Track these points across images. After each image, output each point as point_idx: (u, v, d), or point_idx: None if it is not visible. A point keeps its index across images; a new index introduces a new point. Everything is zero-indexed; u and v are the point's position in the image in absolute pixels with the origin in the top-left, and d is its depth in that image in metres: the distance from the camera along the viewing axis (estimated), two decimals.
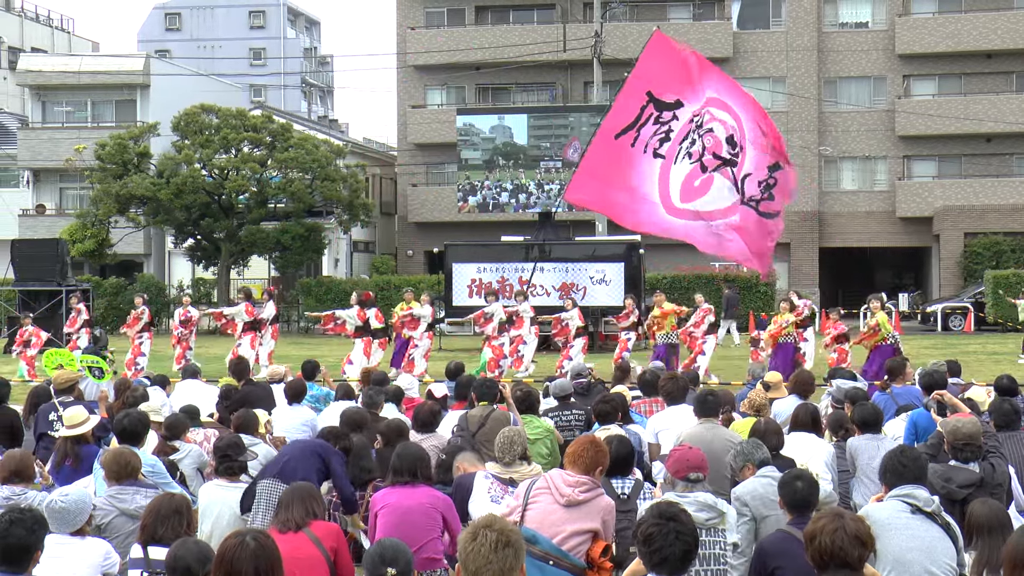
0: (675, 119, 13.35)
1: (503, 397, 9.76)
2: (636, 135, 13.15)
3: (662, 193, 13.60)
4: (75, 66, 47.26)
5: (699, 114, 13.36)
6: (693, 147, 13.47)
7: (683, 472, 6.42)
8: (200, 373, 14.49)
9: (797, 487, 6.14)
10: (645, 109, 13.21)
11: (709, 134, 13.48)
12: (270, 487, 7.51)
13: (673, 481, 6.47)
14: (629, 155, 13.18)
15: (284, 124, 38.92)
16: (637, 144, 13.10)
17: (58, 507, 6.16)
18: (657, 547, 4.77)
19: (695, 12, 46.09)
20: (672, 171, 13.48)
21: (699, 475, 6.42)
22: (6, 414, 10.65)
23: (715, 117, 13.42)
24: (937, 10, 44.63)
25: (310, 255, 39.77)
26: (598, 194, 13.56)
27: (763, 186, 13.56)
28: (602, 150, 13.34)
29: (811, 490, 6.17)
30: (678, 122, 13.37)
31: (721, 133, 13.47)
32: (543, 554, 6.06)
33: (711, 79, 13.50)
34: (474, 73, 46.33)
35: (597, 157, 13.39)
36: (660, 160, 13.34)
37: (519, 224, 36.78)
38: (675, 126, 13.37)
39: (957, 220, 42.10)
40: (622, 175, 13.34)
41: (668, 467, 6.56)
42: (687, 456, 6.52)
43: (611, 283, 27.53)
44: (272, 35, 73.76)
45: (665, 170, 13.41)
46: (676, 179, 13.52)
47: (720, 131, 13.44)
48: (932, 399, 9.23)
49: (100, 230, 38.44)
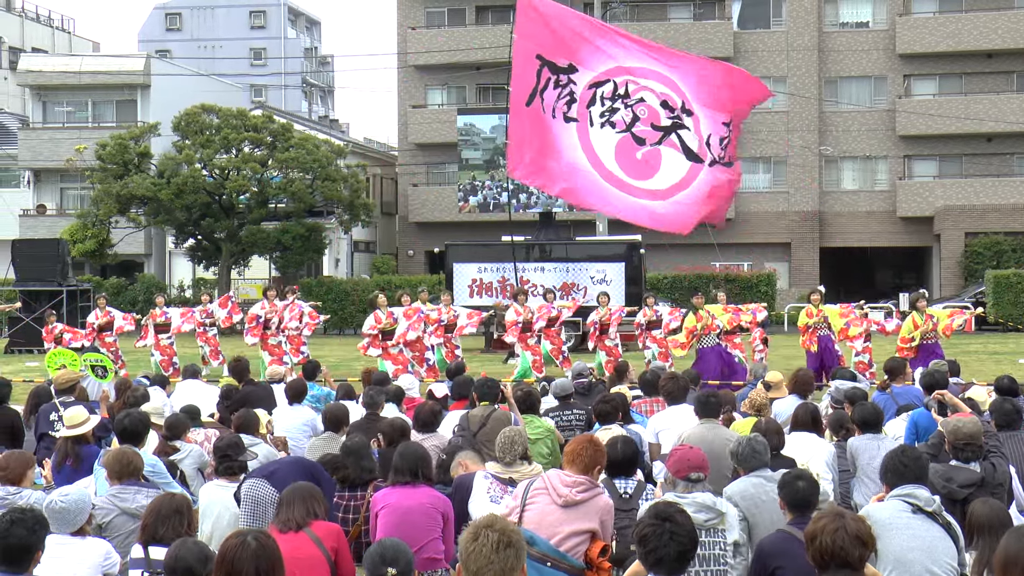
0: (572, 83, 13.35)
1: (504, 397, 9.76)
2: (541, 100, 13.14)
3: (592, 160, 13.52)
4: (76, 66, 47.29)
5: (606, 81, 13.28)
6: (615, 116, 13.42)
7: (684, 472, 6.41)
8: (201, 373, 14.50)
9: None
10: (541, 73, 13.19)
11: (640, 104, 13.42)
12: (254, 485, 7.51)
13: (674, 481, 6.46)
14: (545, 122, 13.18)
15: (285, 124, 38.93)
16: (546, 110, 13.09)
17: (58, 507, 6.16)
18: (652, 547, 4.78)
19: (695, 12, 46.09)
20: (593, 136, 13.39)
21: (700, 475, 6.41)
22: (7, 414, 10.68)
23: (642, 86, 13.36)
24: (938, 10, 44.64)
25: (311, 255, 39.77)
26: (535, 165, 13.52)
27: (724, 142, 13.56)
28: (520, 120, 13.31)
29: (812, 490, 6.17)
30: (577, 87, 13.36)
31: (654, 101, 13.42)
32: (541, 555, 6.05)
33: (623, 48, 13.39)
34: (475, 73, 46.33)
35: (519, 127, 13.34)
36: (574, 123, 13.31)
37: (520, 224, 36.75)
38: (576, 90, 13.35)
39: (958, 220, 42.11)
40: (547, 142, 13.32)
41: (669, 467, 6.55)
42: (688, 456, 6.51)
43: (612, 283, 27.52)
44: (273, 35, 73.75)
45: (584, 134, 13.36)
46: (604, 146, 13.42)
47: (652, 99, 13.39)
48: (933, 399, 9.23)
49: (101, 230, 38.45)
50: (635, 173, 13.52)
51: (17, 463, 7.30)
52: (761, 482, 6.82)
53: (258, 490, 7.45)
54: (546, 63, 13.17)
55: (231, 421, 10.05)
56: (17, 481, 7.20)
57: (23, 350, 27.63)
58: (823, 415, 9.89)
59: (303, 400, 11.46)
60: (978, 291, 35.95)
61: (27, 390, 14.38)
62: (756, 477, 6.88)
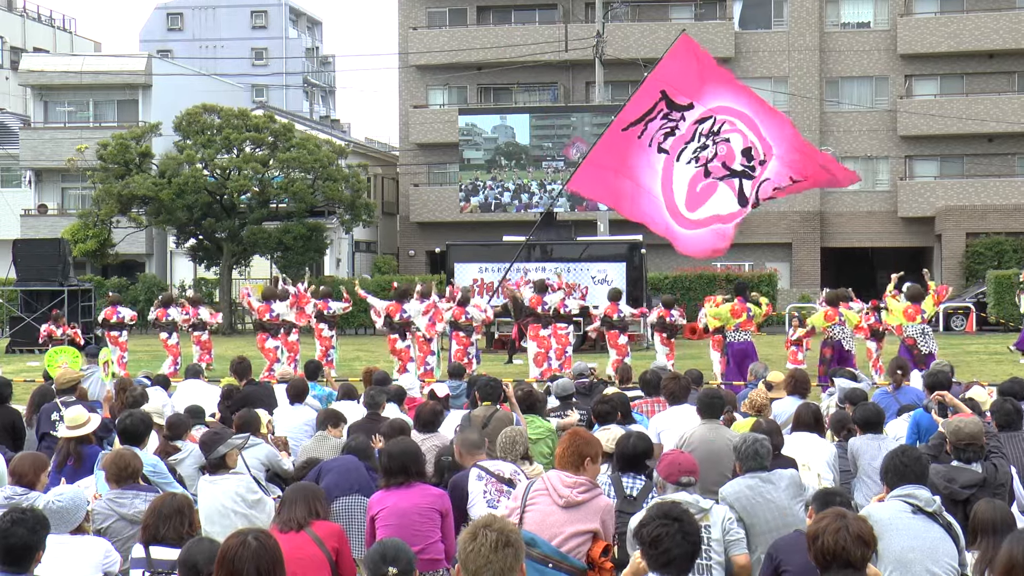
0: (683, 119, 13.50)
1: (507, 397, 9.75)
2: (644, 128, 13.32)
3: (665, 190, 13.71)
4: (77, 66, 47.29)
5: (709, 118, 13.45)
6: (703, 152, 13.58)
7: (675, 476, 6.43)
8: (202, 373, 14.50)
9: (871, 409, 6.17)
10: (657, 105, 13.37)
11: (725, 143, 13.59)
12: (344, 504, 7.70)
13: (664, 485, 6.48)
14: (635, 145, 13.39)
15: (286, 124, 38.93)
16: (644, 136, 13.30)
17: (55, 507, 6.16)
18: (665, 548, 4.78)
19: (697, 12, 46.07)
20: (676, 169, 13.60)
21: (691, 479, 6.43)
22: (8, 414, 10.67)
23: (736, 128, 13.52)
24: (939, 10, 44.61)
25: (312, 255, 39.75)
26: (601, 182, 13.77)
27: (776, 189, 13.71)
28: (609, 142, 13.55)
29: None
30: (685, 123, 13.50)
31: (738, 144, 13.58)
32: (542, 557, 6.05)
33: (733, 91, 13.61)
34: (476, 73, 46.33)
35: (604, 149, 13.60)
36: (664, 155, 13.48)
37: (521, 224, 36.78)
38: (682, 126, 13.50)
39: (959, 220, 42.09)
40: (626, 164, 13.52)
41: (660, 471, 6.56)
42: (679, 460, 6.52)
43: (613, 283, 27.49)
44: (274, 35, 73.74)
45: (668, 166, 13.54)
46: (680, 180, 13.62)
47: (738, 142, 13.55)
48: (933, 400, 9.22)
49: (102, 230, 38.45)
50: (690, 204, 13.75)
51: (32, 467, 7.21)
52: (757, 483, 6.83)
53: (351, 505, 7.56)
54: (666, 98, 13.43)
55: (232, 421, 10.05)
56: (33, 484, 7.11)
57: (24, 350, 27.64)
58: (825, 415, 9.89)
59: (304, 400, 11.46)
60: (979, 291, 35.92)
61: (28, 390, 14.40)
62: (752, 478, 6.88)
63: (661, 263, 38.25)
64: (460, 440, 7.86)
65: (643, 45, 43.98)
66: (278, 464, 9.43)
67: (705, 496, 6.55)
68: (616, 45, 42.36)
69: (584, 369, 13.39)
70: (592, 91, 42.64)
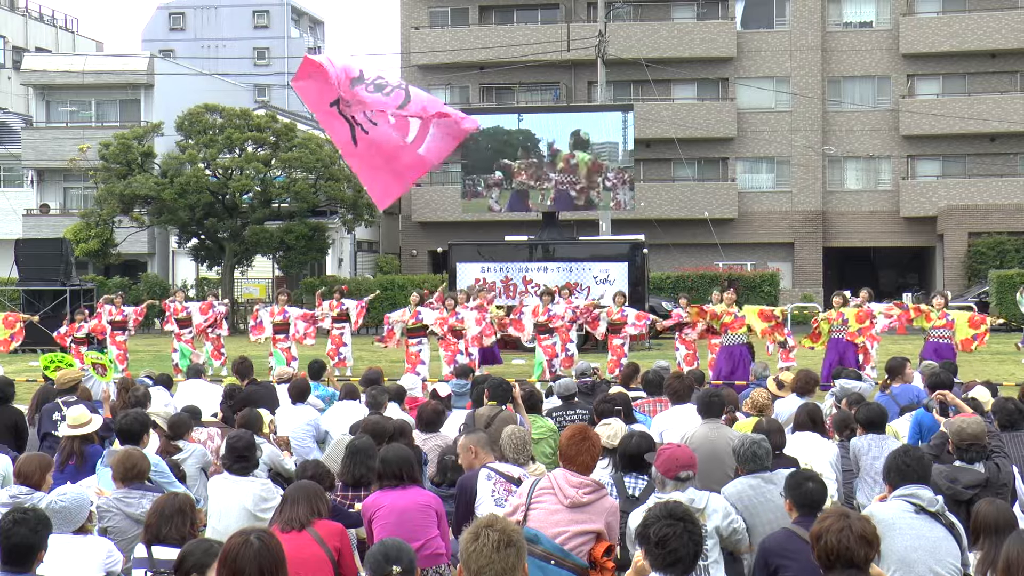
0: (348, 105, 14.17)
1: (512, 398, 9.74)
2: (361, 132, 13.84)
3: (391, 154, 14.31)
4: (79, 66, 47.30)
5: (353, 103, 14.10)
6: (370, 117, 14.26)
7: (673, 472, 6.40)
8: (204, 373, 14.50)
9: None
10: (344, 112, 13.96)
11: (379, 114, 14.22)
12: None
13: (663, 480, 6.45)
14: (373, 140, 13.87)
15: (288, 124, 38.95)
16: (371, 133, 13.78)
17: (58, 507, 6.16)
18: (672, 548, 4.77)
19: (699, 12, 46.04)
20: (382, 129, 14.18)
21: (689, 473, 6.40)
22: (10, 414, 10.68)
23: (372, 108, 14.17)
24: (941, 9, 44.58)
25: (314, 255, 39.77)
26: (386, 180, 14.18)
27: None
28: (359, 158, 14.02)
29: (821, 491, 6.17)
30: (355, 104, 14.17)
31: None
32: (545, 554, 6.04)
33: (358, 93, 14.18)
34: (478, 73, 46.33)
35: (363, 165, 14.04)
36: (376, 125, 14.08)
37: (523, 224, 36.78)
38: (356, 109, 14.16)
39: (961, 220, 42.06)
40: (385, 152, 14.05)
41: (658, 466, 6.51)
42: (677, 455, 6.48)
43: (615, 283, 27.51)
44: (276, 35, 73.72)
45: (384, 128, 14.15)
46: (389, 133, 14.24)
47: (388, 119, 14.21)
48: (934, 399, 9.21)
49: (104, 230, 38.45)
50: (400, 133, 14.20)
51: (38, 468, 7.20)
52: (759, 483, 6.82)
53: None
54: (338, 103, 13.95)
55: (234, 420, 10.05)
56: (38, 485, 7.11)
57: (27, 350, 27.63)
58: (826, 415, 9.88)
59: (306, 400, 11.45)
60: (981, 291, 35.89)
61: (31, 390, 14.41)
62: (754, 479, 6.88)
63: (663, 263, 38.24)
64: (477, 439, 7.77)
65: (645, 45, 43.99)
66: (280, 464, 9.43)
67: None
68: (618, 45, 42.35)
69: (587, 368, 13.38)
70: (594, 91, 42.64)
